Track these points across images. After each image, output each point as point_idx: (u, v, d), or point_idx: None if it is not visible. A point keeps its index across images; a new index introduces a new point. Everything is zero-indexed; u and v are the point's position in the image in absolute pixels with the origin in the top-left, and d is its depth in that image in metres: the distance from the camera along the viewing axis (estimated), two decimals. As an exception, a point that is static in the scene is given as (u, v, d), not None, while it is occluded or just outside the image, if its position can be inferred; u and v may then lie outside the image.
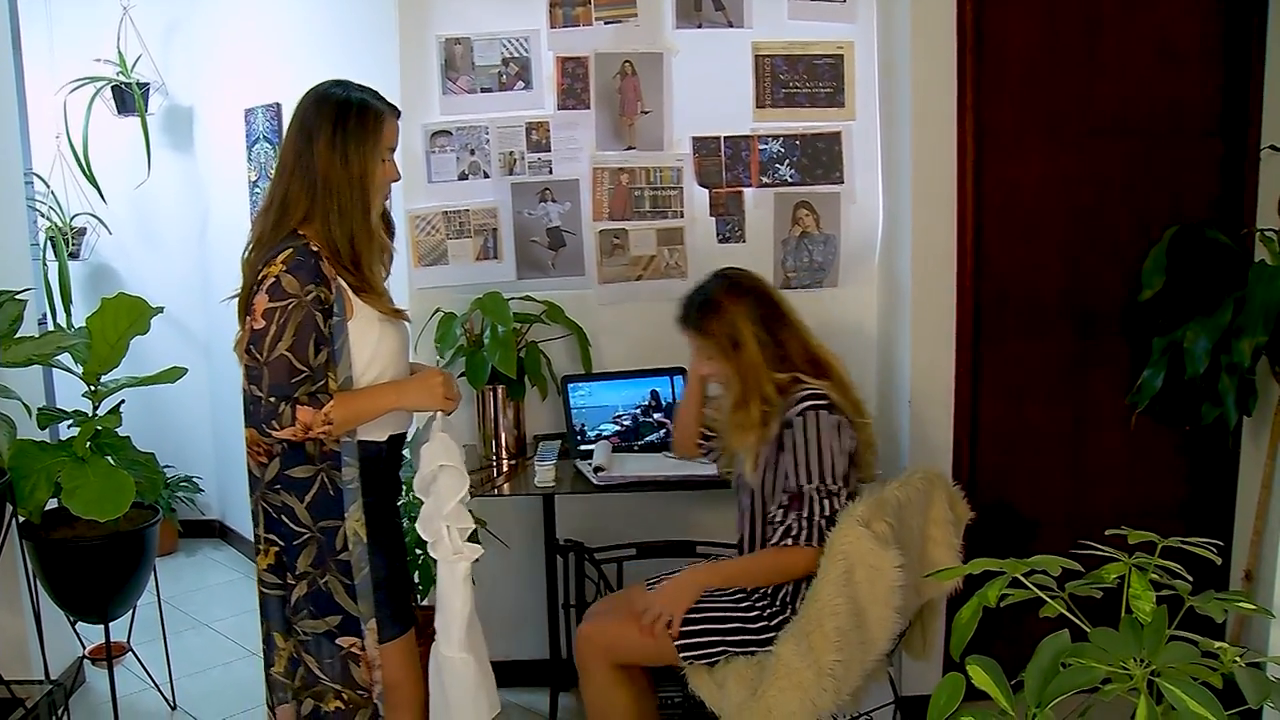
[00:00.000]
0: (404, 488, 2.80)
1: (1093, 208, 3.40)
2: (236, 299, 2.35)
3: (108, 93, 4.95)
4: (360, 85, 2.38)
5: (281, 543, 2.33)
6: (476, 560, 2.40)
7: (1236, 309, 3.04)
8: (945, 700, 1.29)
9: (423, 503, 2.44)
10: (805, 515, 2.60)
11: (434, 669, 2.43)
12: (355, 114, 2.31)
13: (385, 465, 2.41)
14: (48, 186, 5.04)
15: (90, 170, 4.97)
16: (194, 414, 5.25)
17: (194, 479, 5.30)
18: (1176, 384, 3.21)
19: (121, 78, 4.93)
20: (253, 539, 2.42)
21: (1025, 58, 3.35)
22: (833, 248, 3.63)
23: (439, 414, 2.41)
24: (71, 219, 5.11)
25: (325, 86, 2.37)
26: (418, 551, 3.28)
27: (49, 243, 4.95)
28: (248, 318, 2.25)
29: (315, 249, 2.26)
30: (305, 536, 2.31)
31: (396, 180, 2.43)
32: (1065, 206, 3.41)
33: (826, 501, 2.59)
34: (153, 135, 4.99)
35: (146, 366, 3.48)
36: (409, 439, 2.54)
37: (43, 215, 4.99)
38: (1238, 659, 1.22)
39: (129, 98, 4.92)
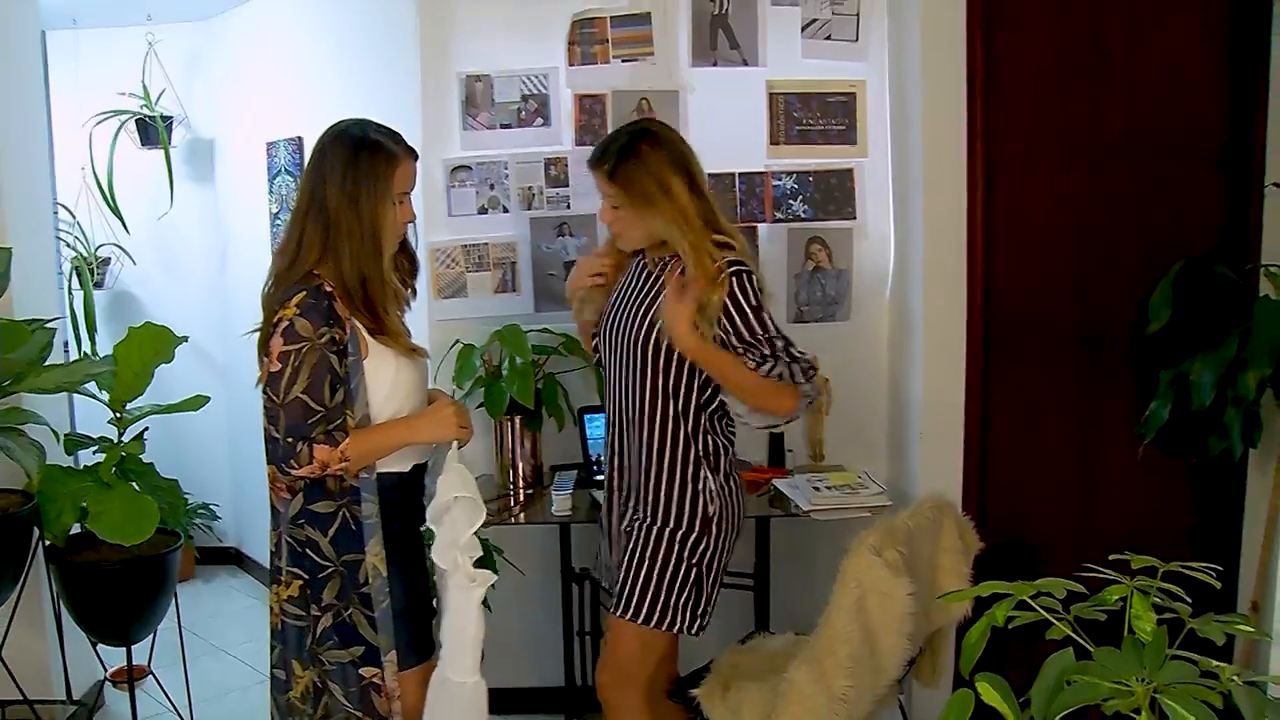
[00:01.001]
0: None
1: (1101, 236, 3.44)
2: (258, 334, 2.37)
3: (132, 126, 5.06)
4: (379, 126, 2.39)
5: (306, 576, 2.35)
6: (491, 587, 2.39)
7: (1241, 342, 3.07)
8: (955, 717, 1.33)
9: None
10: (782, 354, 2.59)
11: (435, 695, 2.38)
12: (368, 156, 2.31)
13: (408, 493, 2.45)
14: (73, 217, 5.13)
15: (114, 201, 5.06)
16: (212, 442, 5.31)
17: (211, 506, 5.35)
18: (1183, 416, 3.23)
19: (145, 111, 5.03)
20: (271, 569, 2.44)
21: (1034, 90, 3.40)
22: (845, 282, 3.68)
23: (455, 444, 2.40)
24: (96, 249, 5.20)
25: (344, 125, 2.38)
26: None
27: (74, 272, 5.04)
28: (265, 359, 2.29)
29: (329, 289, 2.29)
30: (329, 570, 2.34)
31: (410, 222, 2.44)
32: (1074, 235, 3.45)
33: (782, 342, 2.60)
34: (175, 167, 5.09)
35: (166, 394, 3.52)
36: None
37: (68, 245, 5.08)
38: (1235, 677, 1.26)
39: (153, 131, 5.03)
